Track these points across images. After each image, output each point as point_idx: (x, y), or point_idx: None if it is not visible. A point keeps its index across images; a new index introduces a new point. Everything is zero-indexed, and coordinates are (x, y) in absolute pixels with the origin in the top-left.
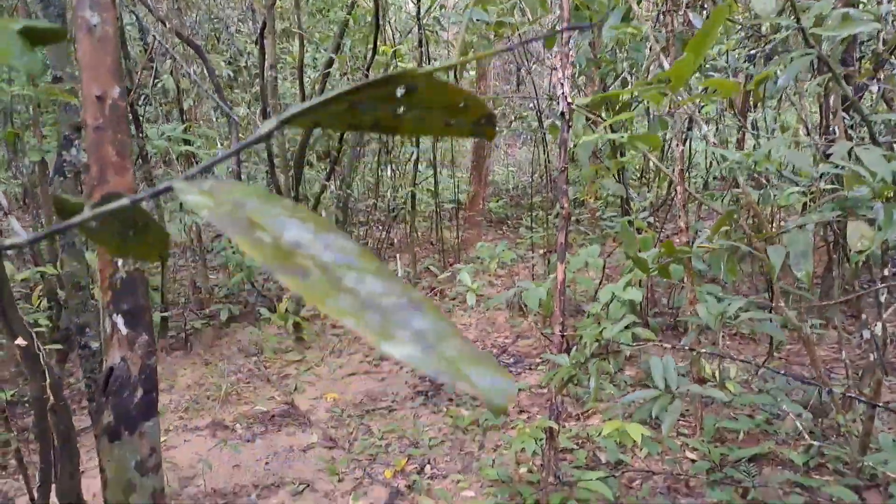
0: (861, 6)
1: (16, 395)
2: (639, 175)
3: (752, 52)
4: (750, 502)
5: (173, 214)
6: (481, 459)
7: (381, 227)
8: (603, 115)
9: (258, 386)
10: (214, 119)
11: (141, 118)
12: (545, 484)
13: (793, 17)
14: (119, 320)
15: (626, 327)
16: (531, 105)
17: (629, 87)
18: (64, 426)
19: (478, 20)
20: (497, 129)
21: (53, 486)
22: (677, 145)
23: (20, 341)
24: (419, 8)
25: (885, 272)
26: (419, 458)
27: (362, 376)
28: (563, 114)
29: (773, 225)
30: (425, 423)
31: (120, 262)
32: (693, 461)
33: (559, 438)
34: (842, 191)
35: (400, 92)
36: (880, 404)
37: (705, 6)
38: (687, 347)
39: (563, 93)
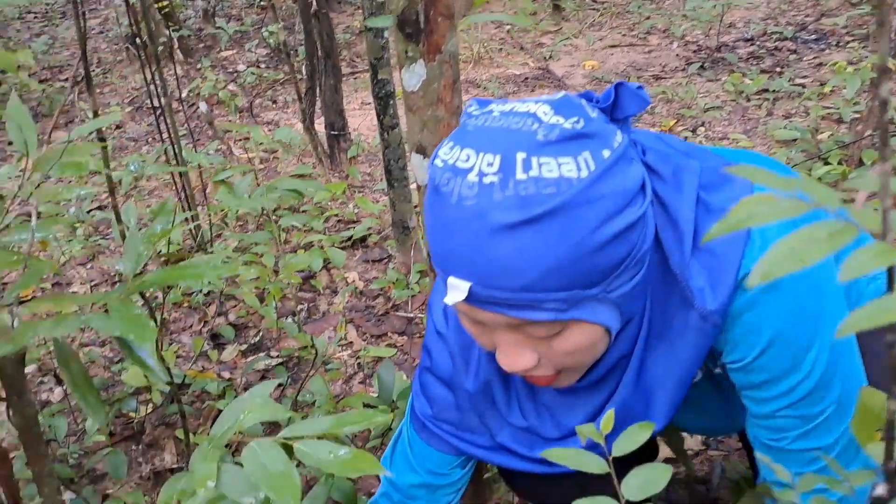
0: None
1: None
2: None
3: None
4: None
5: None
6: (769, 125)
7: None
8: None
9: (510, 52)
10: None
11: None
12: (859, 136)
13: None
14: None
15: None
16: None
17: None
18: (326, 34)
19: None
20: None
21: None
22: None
23: None
24: None
25: None
26: (690, 120)
27: (625, 48)
28: None
29: None
30: (700, 89)
31: None
32: None
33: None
34: None
35: None
36: None
37: None
38: None
39: None
